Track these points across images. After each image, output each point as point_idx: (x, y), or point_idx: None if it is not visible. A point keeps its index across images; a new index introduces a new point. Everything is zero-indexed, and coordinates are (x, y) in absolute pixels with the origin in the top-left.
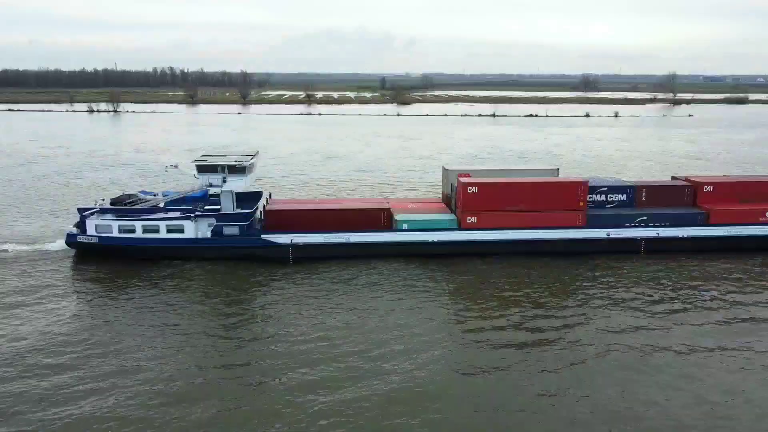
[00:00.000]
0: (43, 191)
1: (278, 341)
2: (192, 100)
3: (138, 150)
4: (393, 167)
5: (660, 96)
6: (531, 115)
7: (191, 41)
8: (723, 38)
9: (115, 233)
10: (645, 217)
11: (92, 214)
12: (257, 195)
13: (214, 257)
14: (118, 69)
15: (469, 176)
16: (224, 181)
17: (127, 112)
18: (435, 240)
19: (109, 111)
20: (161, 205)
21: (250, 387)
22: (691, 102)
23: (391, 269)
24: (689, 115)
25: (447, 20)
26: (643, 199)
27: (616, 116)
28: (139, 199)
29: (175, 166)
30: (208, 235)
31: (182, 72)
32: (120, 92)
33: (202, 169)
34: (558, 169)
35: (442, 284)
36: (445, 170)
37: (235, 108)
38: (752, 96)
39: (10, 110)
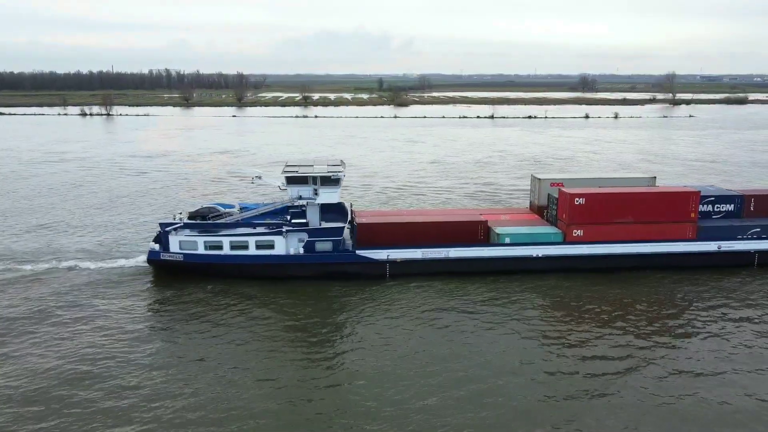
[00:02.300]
0: (95, 204)
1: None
2: (187, 103)
3: (143, 155)
4: (401, 172)
5: (659, 96)
6: (530, 117)
7: (189, 42)
8: (719, 38)
9: (201, 250)
10: (758, 229)
11: (174, 229)
12: (338, 207)
13: (307, 275)
14: (114, 71)
15: (562, 185)
16: (315, 193)
17: (120, 115)
18: (539, 255)
19: (101, 114)
20: (228, 220)
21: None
22: (691, 102)
23: (494, 287)
24: (690, 116)
25: (445, 20)
26: (752, 208)
27: (616, 117)
28: (224, 213)
29: (259, 177)
30: (301, 251)
31: (178, 74)
32: (113, 95)
33: (292, 180)
34: (655, 177)
35: (551, 304)
36: (536, 179)
37: (231, 110)
38: (752, 96)
39: (1, 114)
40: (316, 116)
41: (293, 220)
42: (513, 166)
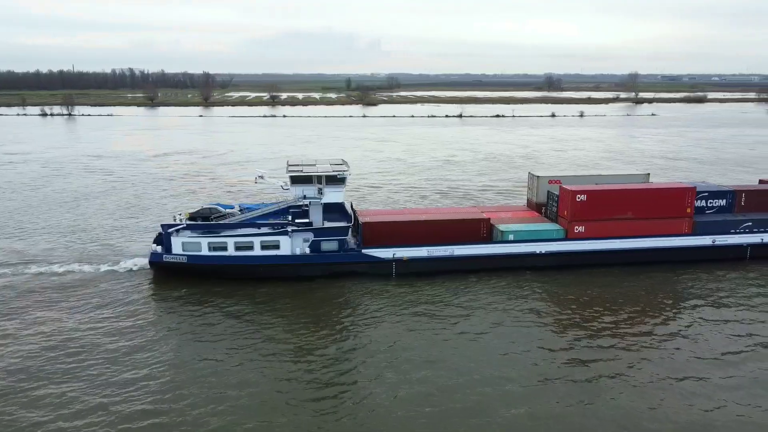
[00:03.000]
0: (61, 205)
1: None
2: (152, 102)
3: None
4: (372, 170)
5: (623, 95)
6: (498, 116)
7: (154, 41)
8: (679, 38)
9: (205, 251)
10: (750, 223)
11: (177, 231)
12: (339, 206)
13: (313, 275)
14: (75, 70)
15: (560, 182)
16: (320, 193)
17: (83, 115)
18: (542, 251)
19: (63, 114)
20: (232, 220)
21: None
22: (653, 101)
23: (498, 284)
24: (652, 114)
25: (412, 21)
26: (743, 204)
27: (581, 116)
28: (226, 213)
29: (262, 177)
30: (307, 251)
31: (142, 73)
32: (75, 95)
33: (297, 180)
34: (649, 174)
35: (552, 303)
36: (533, 176)
37: (197, 110)
38: (710, 95)
39: None
40: (284, 116)
41: (296, 220)
42: (484, 164)
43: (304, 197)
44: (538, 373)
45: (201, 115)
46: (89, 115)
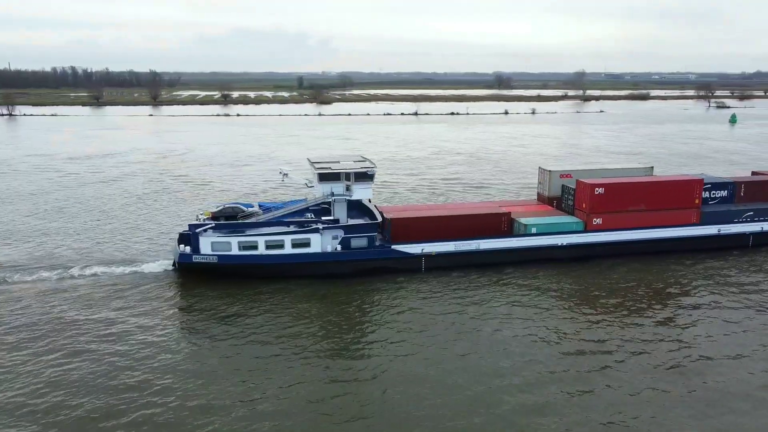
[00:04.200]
0: (100, 208)
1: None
2: (97, 102)
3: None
4: None
5: (571, 93)
6: (453, 113)
7: (95, 39)
8: (620, 38)
9: (235, 251)
10: (752, 212)
11: (204, 230)
12: (357, 203)
13: (343, 272)
14: (12, 68)
15: (570, 176)
16: (347, 190)
17: (24, 115)
18: (564, 243)
19: (3, 115)
20: (259, 219)
21: None
22: (600, 98)
23: (526, 277)
24: (600, 111)
25: (361, 19)
26: (742, 194)
27: (533, 113)
28: (253, 212)
29: (286, 174)
30: (338, 248)
31: (85, 72)
32: (13, 94)
33: (325, 177)
34: (653, 167)
35: (574, 294)
36: (544, 171)
37: (146, 110)
38: (653, 92)
39: None
40: (238, 115)
41: (326, 218)
42: (449, 160)
43: (332, 194)
44: (545, 380)
45: (151, 115)
46: (32, 115)
